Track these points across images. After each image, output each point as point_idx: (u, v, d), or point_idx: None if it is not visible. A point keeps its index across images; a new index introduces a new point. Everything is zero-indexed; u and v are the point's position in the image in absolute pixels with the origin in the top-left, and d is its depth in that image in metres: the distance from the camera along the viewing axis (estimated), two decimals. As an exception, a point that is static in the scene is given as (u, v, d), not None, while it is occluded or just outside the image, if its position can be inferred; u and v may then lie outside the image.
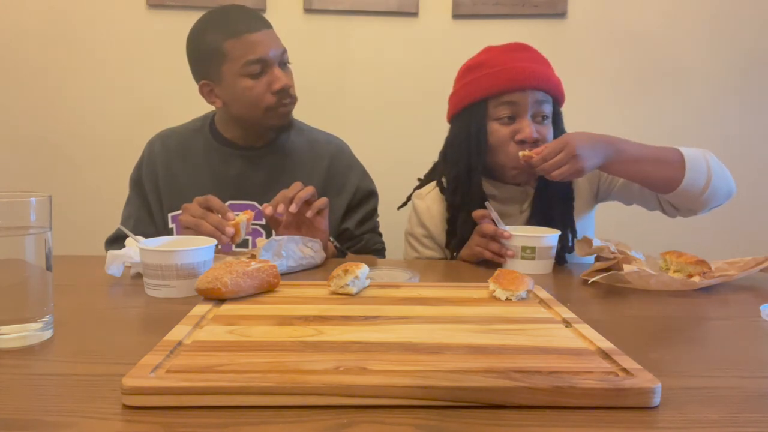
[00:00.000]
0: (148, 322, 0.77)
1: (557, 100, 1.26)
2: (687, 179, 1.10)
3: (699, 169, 1.11)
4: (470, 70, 1.27)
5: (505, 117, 1.21)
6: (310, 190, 1.12)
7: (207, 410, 0.50)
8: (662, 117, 2.08)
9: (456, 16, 2.03)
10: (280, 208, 1.09)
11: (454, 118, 1.31)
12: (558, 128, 1.27)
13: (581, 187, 1.32)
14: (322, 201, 1.14)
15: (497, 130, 1.22)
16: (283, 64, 1.29)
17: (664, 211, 1.26)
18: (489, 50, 1.27)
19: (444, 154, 1.35)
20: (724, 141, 2.09)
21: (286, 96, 1.28)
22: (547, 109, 1.22)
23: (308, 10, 2.01)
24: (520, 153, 1.13)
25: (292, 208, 1.08)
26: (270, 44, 1.25)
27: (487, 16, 2.03)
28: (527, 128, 1.19)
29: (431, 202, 1.35)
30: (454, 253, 1.30)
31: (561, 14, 2.02)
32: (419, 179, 1.44)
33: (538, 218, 1.26)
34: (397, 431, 0.48)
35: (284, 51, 1.29)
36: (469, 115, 1.25)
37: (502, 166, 1.26)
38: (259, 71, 1.24)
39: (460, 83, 1.29)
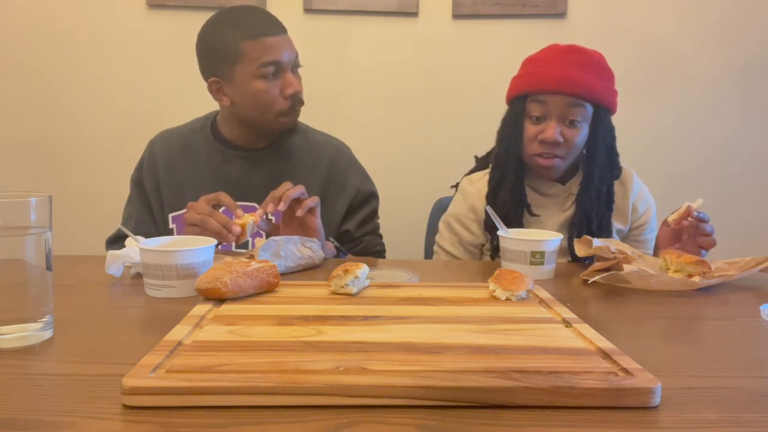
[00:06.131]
0: (148, 322, 0.77)
1: (601, 107, 1.25)
2: None
3: None
4: (525, 64, 1.32)
5: (535, 116, 1.25)
6: (299, 188, 1.12)
7: (207, 410, 0.50)
8: (662, 117, 2.08)
9: (456, 16, 2.03)
10: (270, 208, 1.09)
11: (508, 103, 1.35)
12: (600, 135, 1.27)
13: (619, 205, 1.35)
14: (313, 199, 1.14)
15: (528, 129, 1.27)
16: (295, 68, 1.30)
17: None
18: (547, 48, 1.30)
19: (497, 132, 1.39)
20: (724, 141, 2.09)
21: (298, 102, 1.29)
22: (579, 114, 1.23)
23: (308, 10, 2.01)
24: (687, 204, 1.13)
25: (281, 206, 1.08)
26: (285, 48, 1.26)
27: (487, 16, 2.03)
28: (549, 130, 1.23)
29: (482, 186, 1.37)
30: (491, 238, 1.33)
31: (561, 14, 2.02)
32: (475, 156, 1.48)
33: (579, 218, 1.29)
34: (397, 431, 0.48)
35: (297, 55, 1.30)
36: (512, 106, 1.31)
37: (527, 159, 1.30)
38: (273, 73, 1.24)
39: (517, 73, 1.33)
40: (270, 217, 1.26)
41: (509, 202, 1.29)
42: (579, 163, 1.34)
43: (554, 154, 1.24)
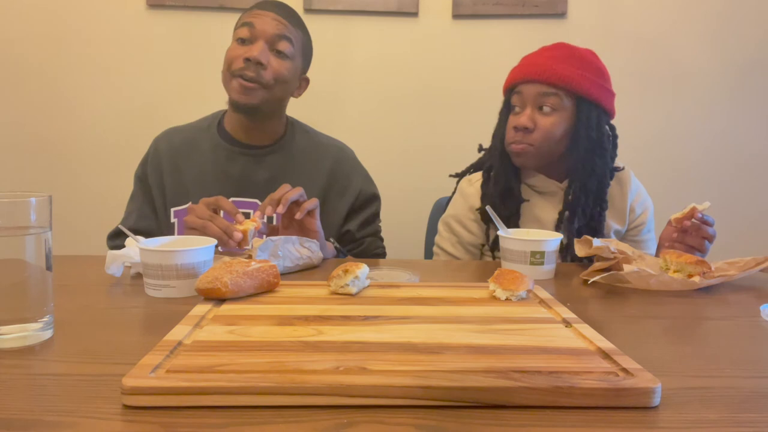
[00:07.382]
0: (148, 322, 0.77)
1: (583, 99, 1.24)
2: None
3: None
4: (521, 59, 1.35)
5: (515, 107, 1.29)
6: (297, 190, 1.12)
7: (207, 410, 0.50)
8: (662, 117, 2.08)
9: (456, 16, 2.03)
10: (269, 210, 1.09)
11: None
12: (581, 127, 1.25)
13: (617, 206, 1.35)
14: (312, 201, 1.13)
15: (509, 120, 1.30)
16: (279, 52, 1.28)
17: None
18: (540, 48, 1.33)
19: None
20: (723, 141, 2.09)
21: (252, 69, 1.25)
22: (552, 101, 1.24)
23: (308, 10, 2.01)
24: (692, 205, 1.13)
25: (280, 209, 1.08)
26: (267, 21, 1.28)
27: (487, 16, 2.03)
28: (521, 117, 1.26)
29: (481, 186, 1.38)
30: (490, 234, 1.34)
31: (561, 14, 2.02)
32: (480, 145, 1.49)
33: (564, 210, 1.30)
34: (397, 431, 0.48)
35: (283, 37, 1.27)
36: (504, 99, 1.35)
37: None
38: (246, 37, 1.27)
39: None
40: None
41: (500, 193, 1.31)
42: None
43: (525, 142, 1.25)
